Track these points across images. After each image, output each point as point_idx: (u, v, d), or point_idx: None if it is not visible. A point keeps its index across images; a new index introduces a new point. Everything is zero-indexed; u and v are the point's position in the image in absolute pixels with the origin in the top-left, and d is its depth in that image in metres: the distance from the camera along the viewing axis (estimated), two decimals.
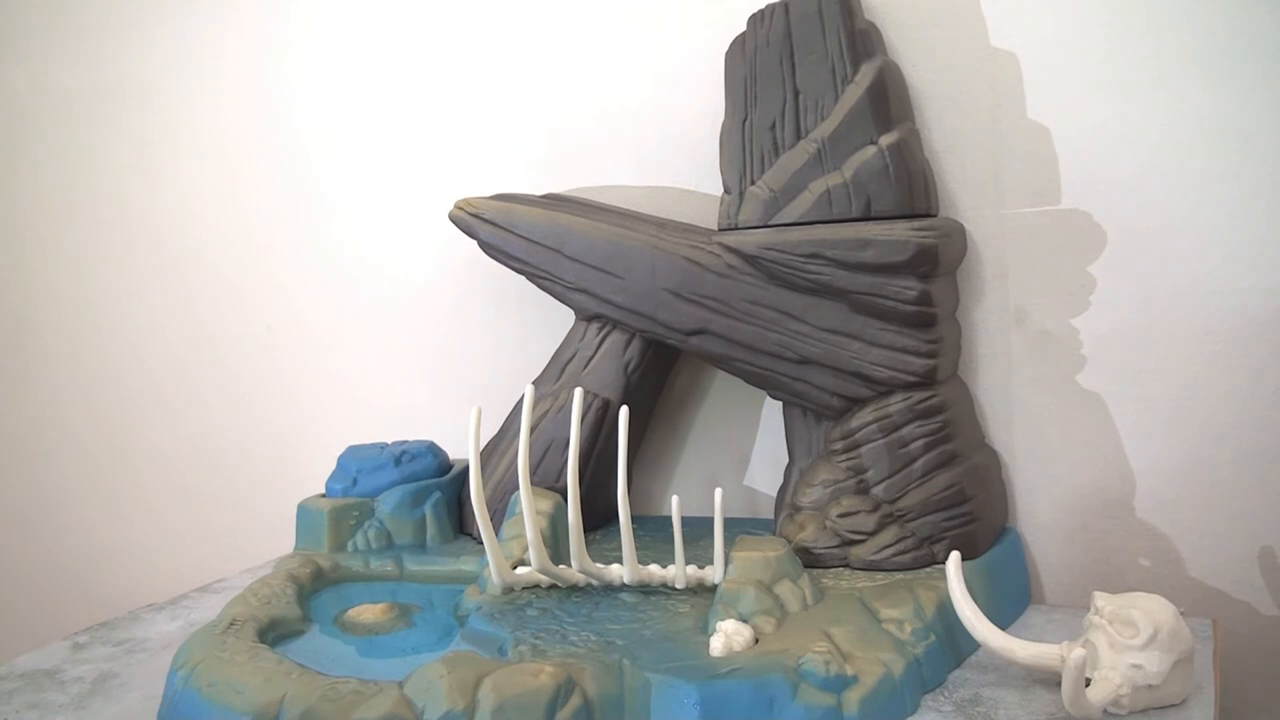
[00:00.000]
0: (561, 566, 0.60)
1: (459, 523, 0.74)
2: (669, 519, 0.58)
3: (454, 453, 0.79)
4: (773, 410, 0.75)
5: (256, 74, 0.95)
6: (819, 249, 0.62)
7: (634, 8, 0.79)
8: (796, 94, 0.66)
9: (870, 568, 0.62)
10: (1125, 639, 0.47)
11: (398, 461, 0.73)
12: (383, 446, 0.75)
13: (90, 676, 0.57)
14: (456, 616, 0.59)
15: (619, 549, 0.59)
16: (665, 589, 0.60)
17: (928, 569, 0.61)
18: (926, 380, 0.63)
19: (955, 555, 0.54)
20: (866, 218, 0.63)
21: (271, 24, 0.94)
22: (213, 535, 1.00)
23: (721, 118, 0.69)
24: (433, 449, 0.76)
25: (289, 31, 0.93)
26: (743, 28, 0.68)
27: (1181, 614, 0.49)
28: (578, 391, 0.59)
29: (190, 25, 0.97)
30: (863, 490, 0.64)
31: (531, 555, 0.59)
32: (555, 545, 0.62)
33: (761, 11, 0.67)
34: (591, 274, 0.70)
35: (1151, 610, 0.48)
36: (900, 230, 0.61)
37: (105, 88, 1.02)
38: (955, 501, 0.62)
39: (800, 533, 0.64)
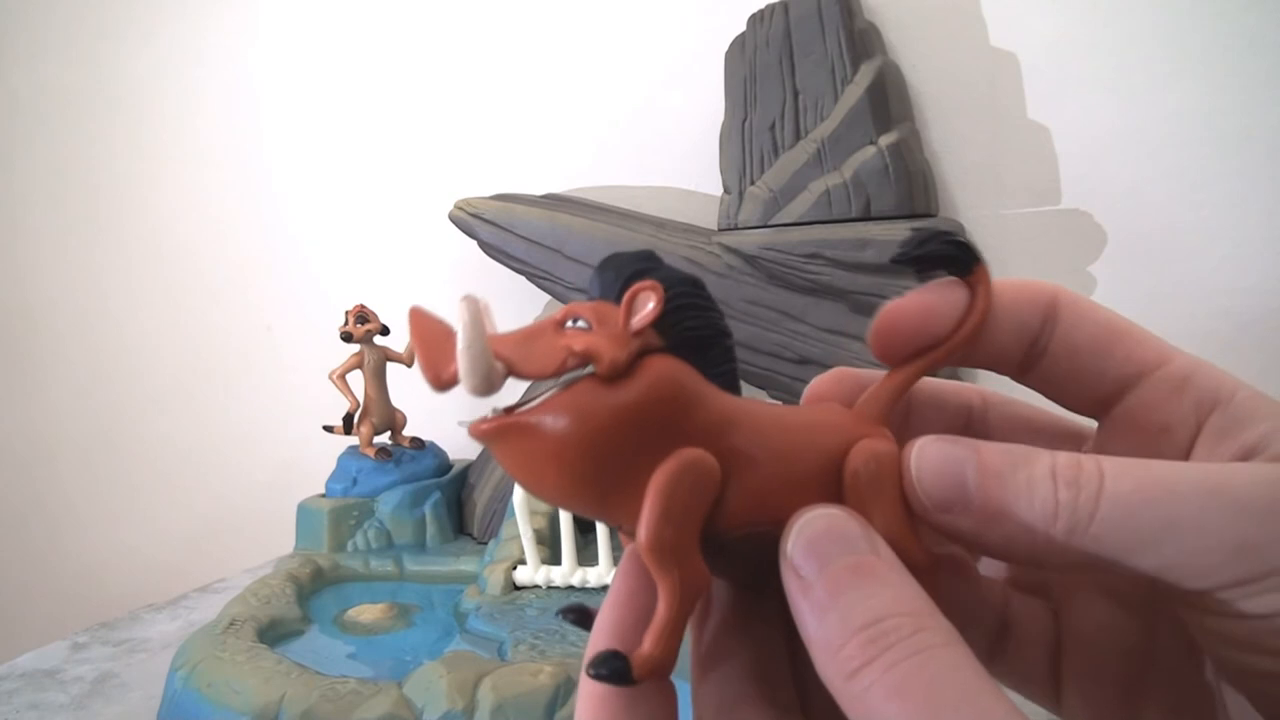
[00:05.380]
0: (558, 566, 0.60)
1: (459, 523, 0.74)
2: None
3: (453, 453, 0.79)
4: None
5: (257, 72, 0.95)
6: (819, 249, 0.62)
7: (634, 8, 0.79)
8: (796, 94, 0.66)
9: None
10: None
11: (398, 461, 0.73)
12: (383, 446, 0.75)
13: (90, 676, 0.57)
14: (456, 616, 0.59)
15: (619, 549, 0.59)
16: None
17: None
18: None
19: None
20: (866, 218, 0.63)
21: (273, 22, 0.94)
22: (213, 535, 1.00)
23: (721, 118, 0.69)
24: (433, 449, 0.76)
25: (291, 29, 0.93)
26: (743, 28, 0.68)
27: None
28: None
29: (189, 23, 0.97)
30: None
31: (528, 555, 0.60)
32: (555, 545, 0.62)
33: (761, 11, 0.67)
34: None
35: None
36: (900, 230, 0.61)
37: (105, 87, 1.02)
38: None
39: None
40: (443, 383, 0.15)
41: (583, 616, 0.17)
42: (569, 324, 0.16)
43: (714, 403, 0.17)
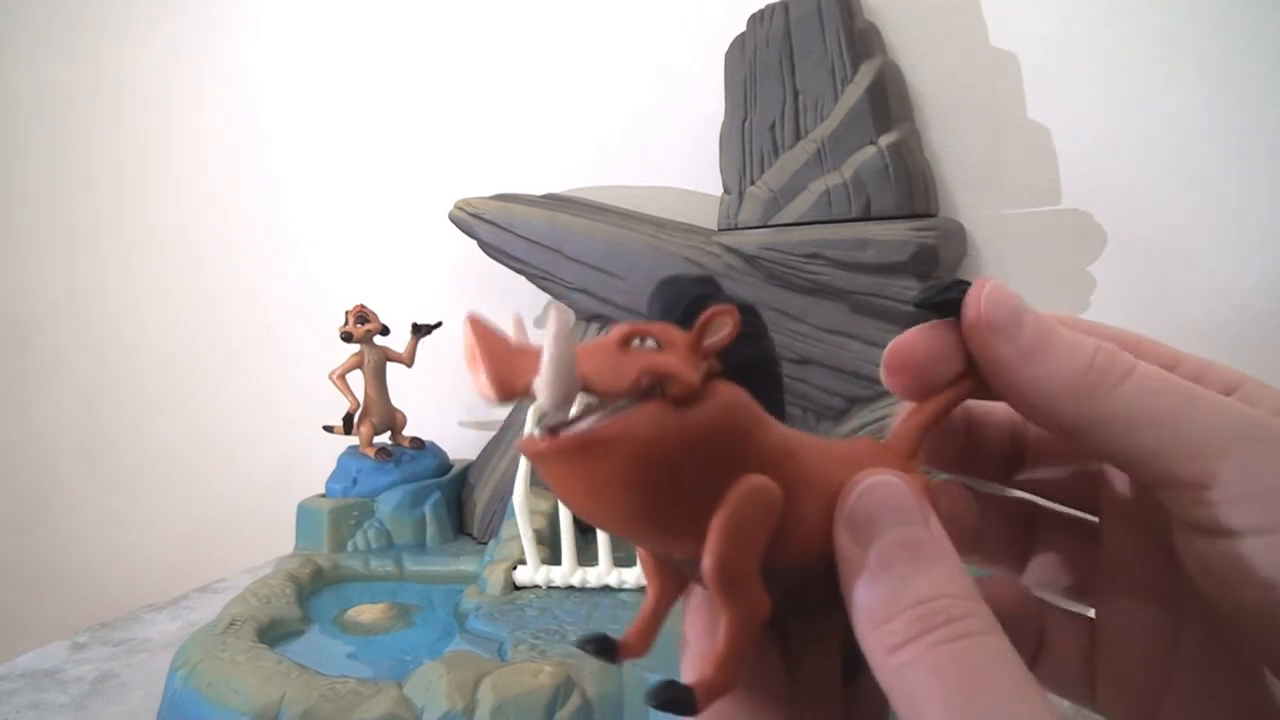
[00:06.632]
0: (557, 566, 0.60)
1: (459, 523, 0.74)
2: None
3: (453, 453, 0.79)
4: None
5: (256, 72, 0.95)
6: (818, 249, 0.62)
7: (634, 8, 0.79)
8: (796, 94, 0.66)
9: None
10: None
11: (398, 461, 0.73)
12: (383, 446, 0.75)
13: (90, 676, 0.57)
14: (456, 616, 0.59)
15: (619, 548, 0.59)
16: None
17: None
18: None
19: None
20: (866, 218, 0.63)
21: (272, 22, 0.94)
22: (213, 535, 1.00)
23: (721, 118, 0.69)
24: (433, 449, 0.76)
25: (290, 29, 0.93)
26: (743, 28, 0.68)
27: None
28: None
29: (190, 23, 0.97)
30: None
31: (528, 555, 0.60)
32: (555, 545, 0.62)
33: (761, 11, 0.67)
34: (591, 274, 0.70)
35: None
36: (900, 230, 0.61)
37: (104, 87, 1.02)
38: None
39: None
40: (514, 394, 0.14)
41: (604, 646, 0.17)
42: (635, 343, 0.16)
43: (773, 431, 0.17)
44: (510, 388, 0.14)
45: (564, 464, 0.15)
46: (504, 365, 0.15)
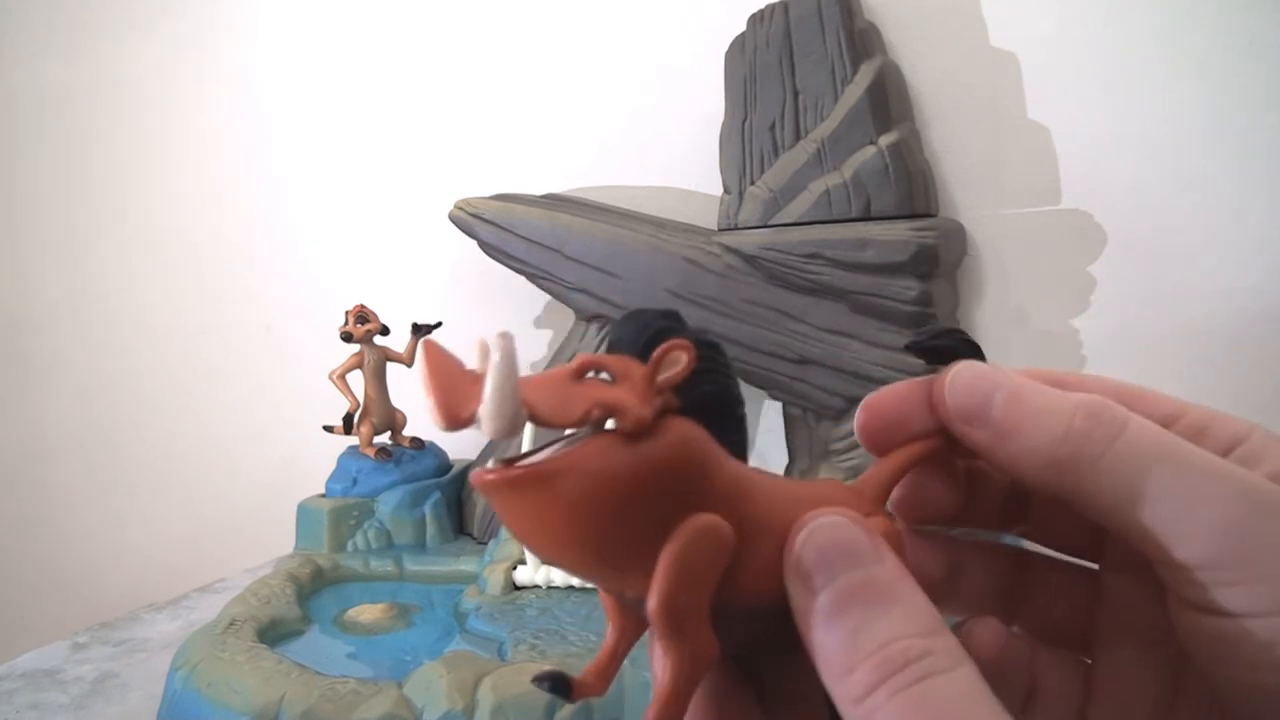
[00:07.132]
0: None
1: (459, 523, 0.74)
2: None
3: (453, 453, 0.79)
4: (773, 410, 0.75)
5: (256, 72, 0.95)
6: (818, 249, 0.62)
7: (634, 8, 0.79)
8: (796, 94, 0.66)
9: None
10: None
11: (398, 461, 0.73)
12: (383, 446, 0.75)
13: (90, 676, 0.57)
14: (456, 616, 0.59)
15: None
16: None
17: None
18: None
19: None
20: (866, 218, 0.63)
21: (272, 22, 0.94)
22: (213, 535, 1.00)
23: (721, 118, 0.69)
24: (433, 449, 0.76)
25: (290, 29, 0.93)
26: (743, 28, 0.68)
27: None
28: None
29: (189, 23, 0.97)
30: None
31: (528, 555, 0.60)
32: None
33: (761, 11, 0.67)
34: (591, 274, 0.70)
35: None
36: (900, 230, 0.61)
37: (104, 87, 1.02)
38: None
39: None
40: (459, 423, 0.15)
41: (560, 684, 0.17)
42: (589, 375, 0.16)
43: (729, 469, 0.16)
44: (456, 416, 0.14)
45: (513, 496, 0.15)
46: (451, 394, 0.14)
